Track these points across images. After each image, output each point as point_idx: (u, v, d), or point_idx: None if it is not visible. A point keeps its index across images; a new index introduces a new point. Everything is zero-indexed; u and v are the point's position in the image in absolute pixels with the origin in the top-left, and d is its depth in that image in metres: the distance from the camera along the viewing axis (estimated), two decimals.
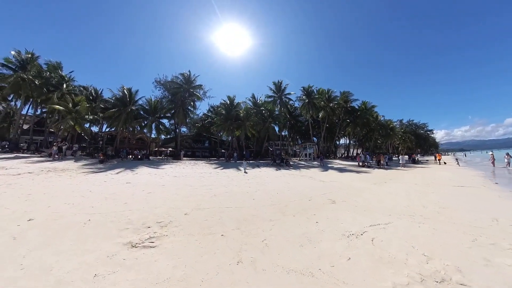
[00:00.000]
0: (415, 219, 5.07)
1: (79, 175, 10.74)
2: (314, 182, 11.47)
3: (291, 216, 5.18)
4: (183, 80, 32.65)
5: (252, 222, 4.49)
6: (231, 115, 30.80)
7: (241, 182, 10.44)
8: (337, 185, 10.60)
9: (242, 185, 9.52)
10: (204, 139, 47.52)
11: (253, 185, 9.59)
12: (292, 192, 8.43)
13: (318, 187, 9.81)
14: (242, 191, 7.99)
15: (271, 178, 12.32)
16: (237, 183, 9.90)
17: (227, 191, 7.92)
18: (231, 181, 10.48)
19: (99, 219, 4.34)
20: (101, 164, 16.02)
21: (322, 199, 7.40)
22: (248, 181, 10.98)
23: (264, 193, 7.95)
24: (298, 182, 11.39)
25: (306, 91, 39.90)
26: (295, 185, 10.28)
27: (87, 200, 5.92)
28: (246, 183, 10.25)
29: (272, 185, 9.89)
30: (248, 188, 8.70)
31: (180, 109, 29.55)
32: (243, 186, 9.15)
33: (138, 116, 27.74)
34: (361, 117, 44.03)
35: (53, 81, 30.69)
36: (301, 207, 6.08)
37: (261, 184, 10.12)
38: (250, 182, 10.37)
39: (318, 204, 6.66)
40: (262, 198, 6.97)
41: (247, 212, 5.20)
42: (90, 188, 7.56)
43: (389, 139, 63.84)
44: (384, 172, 18.70)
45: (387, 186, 11.04)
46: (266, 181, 11.03)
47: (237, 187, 8.84)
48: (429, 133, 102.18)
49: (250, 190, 8.25)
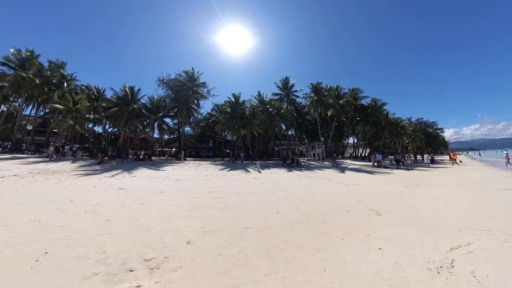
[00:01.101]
0: (498, 236, 3.81)
1: (69, 178, 9.42)
2: (337, 186, 9.85)
3: (339, 239, 3.66)
4: (187, 78, 31.36)
5: (291, 256, 2.96)
6: (237, 113, 29.32)
7: (255, 187, 8.90)
8: (366, 190, 8.98)
9: (256, 191, 7.98)
10: (208, 139, 46.25)
11: (270, 191, 8.04)
12: (319, 200, 6.86)
13: (346, 193, 8.21)
14: (260, 201, 6.45)
15: (286, 182, 10.76)
16: (251, 189, 8.35)
17: (241, 200, 6.37)
18: (242, 187, 8.95)
19: (60, 253, 2.88)
20: (98, 165, 14.76)
21: (362, 209, 5.85)
22: (261, 185, 9.44)
23: (287, 202, 6.40)
24: (320, 186, 9.79)
25: (314, 88, 38.11)
26: (318, 190, 8.69)
27: (60, 215, 4.50)
28: (260, 188, 8.72)
29: (291, 191, 8.34)
30: (265, 196, 7.16)
31: (184, 107, 28.23)
32: (259, 193, 7.60)
33: (140, 115, 26.54)
34: (372, 115, 41.96)
35: (54, 80, 29.88)
36: (344, 224, 4.54)
37: (278, 189, 8.57)
38: (265, 188, 8.83)
39: (361, 217, 5.13)
40: (288, 210, 5.42)
41: (277, 237, 3.68)
42: (73, 196, 6.16)
43: (400, 138, 61.50)
44: (407, 173, 16.87)
45: (425, 190, 9.34)
46: (283, 186, 9.47)
47: (252, 195, 7.29)
48: (439, 131, 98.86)
49: (269, 199, 6.70)
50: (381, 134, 54.61)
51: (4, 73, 26.40)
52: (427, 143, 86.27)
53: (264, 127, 30.88)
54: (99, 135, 44.75)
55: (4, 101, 30.97)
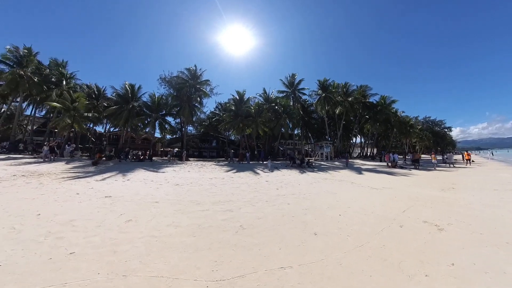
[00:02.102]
0: None
1: (53, 182, 8.11)
2: (365, 191, 8.35)
3: (421, 276, 2.33)
4: (189, 76, 30.07)
5: None
6: (241, 111, 27.91)
7: (271, 194, 7.42)
8: (401, 195, 7.47)
9: (274, 199, 6.50)
10: (211, 139, 44.97)
11: (291, 199, 6.57)
12: (356, 210, 5.38)
13: (382, 200, 6.71)
14: (284, 214, 4.95)
15: (304, 186, 9.28)
16: (267, 197, 6.85)
17: (260, 215, 4.78)
18: (256, 193, 7.47)
19: None
20: (93, 166, 13.50)
21: (416, 222, 4.41)
22: (278, 191, 7.97)
23: (319, 215, 4.94)
24: (346, 191, 8.29)
25: (322, 85, 36.53)
26: (347, 196, 7.20)
27: (7, 241, 3.13)
28: (278, 195, 7.25)
29: (316, 198, 6.86)
30: (288, 207, 5.67)
31: (186, 105, 26.94)
32: (279, 203, 6.12)
33: (140, 114, 25.33)
34: (382, 113, 40.15)
35: (53, 78, 28.92)
36: (409, 247, 3.13)
37: (300, 196, 7.09)
38: (284, 195, 7.35)
39: (421, 234, 3.74)
40: (327, 229, 3.94)
41: (334, 282, 2.25)
42: (43, 208, 4.80)
43: (409, 137, 59.38)
44: (429, 174, 15.19)
45: (468, 194, 7.77)
46: (303, 191, 7.99)
47: (271, 205, 5.81)
48: (447, 130, 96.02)
49: (295, 211, 5.21)
50: (389, 133, 52.74)
51: (1, 71, 25.47)
52: (435, 142, 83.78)
53: (270, 125, 29.41)
54: (101, 135, 43.90)
55: (2, 100, 30.10)
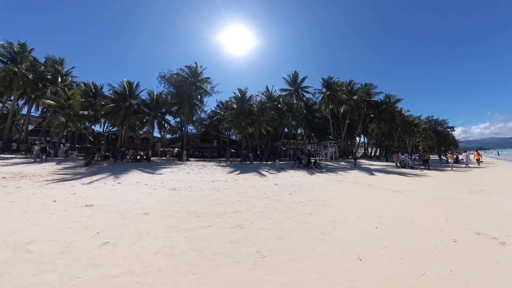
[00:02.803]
0: None
1: (33, 185, 7.08)
2: (389, 195, 7.30)
3: None
4: (189, 73, 28.99)
5: None
6: (244, 110, 26.87)
7: (285, 201, 6.29)
8: (429, 199, 6.43)
9: (292, 209, 5.37)
10: (212, 138, 43.94)
11: (311, 208, 5.50)
12: (391, 221, 4.34)
13: (411, 206, 5.65)
14: (310, 230, 3.83)
15: (319, 190, 8.23)
16: (282, 205, 5.71)
17: (280, 234, 3.63)
18: (267, 201, 6.38)
19: None
20: (85, 167, 12.48)
21: (469, 235, 3.44)
22: (292, 197, 6.91)
23: (352, 229, 3.89)
24: (367, 195, 7.24)
25: (326, 83, 35.47)
26: (372, 203, 6.15)
27: None
28: (294, 202, 6.17)
29: (340, 205, 5.80)
30: (310, 218, 4.59)
31: (186, 103, 25.88)
32: (299, 214, 4.93)
33: (138, 112, 24.31)
34: (387, 112, 39.12)
35: (49, 76, 27.93)
36: (484, 274, 2.09)
37: (320, 204, 6.00)
38: (301, 202, 6.26)
39: (484, 251, 2.78)
40: (373, 253, 2.89)
41: None
42: (2, 222, 3.80)
43: (414, 137, 58.35)
44: (447, 175, 14.08)
45: (505, 197, 6.70)
46: (320, 197, 6.93)
47: (290, 217, 4.64)
48: (449, 130, 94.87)
49: (323, 225, 4.12)
50: (393, 133, 51.70)
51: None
52: (438, 142, 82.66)
53: (273, 124, 28.36)
54: (99, 134, 42.91)
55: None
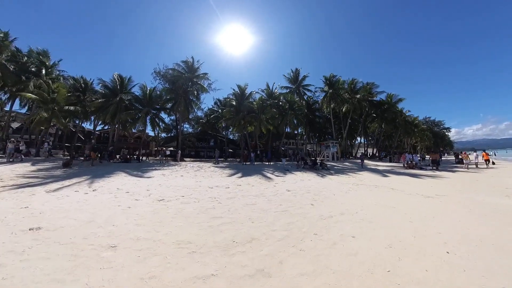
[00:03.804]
0: None
1: None
2: (421, 201, 6.00)
3: None
4: (186, 69, 27.33)
5: None
6: (243, 107, 25.39)
7: (309, 214, 4.85)
8: (468, 205, 5.17)
9: (324, 227, 3.93)
10: (209, 138, 42.24)
11: (347, 225, 4.11)
12: (457, 239, 3.01)
13: (459, 216, 4.35)
14: (368, 265, 2.52)
15: (341, 196, 6.86)
16: (310, 223, 4.22)
17: (332, 283, 2.18)
18: (287, 216, 4.91)
19: None
20: (63, 168, 10.81)
21: None
22: (316, 208, 5.50)
23: (421, 258, 2.54)
24: (400, 203, 5.91)
25: (328, 81, 34.30)
26: (410, 212, 4.79)
27: None
28: (322, 216, 4.75)
29: (376, 218, 4.45)
30: (357, 243, 3.22)
31: (182, 99, 24.26)
32: (337, 236, 3.53)
33: (130, 108, 22.53)
34: (390, 111, 38.34)
35: (32, 68, 25.84)
36: None
37: (354, 217, 4.64)
38: (330, 215, 4.86)
39: None
40: None
41: None
42: None
43: (414, 137, 58.05)
44: (462, 176, 12.88)
45: None
46: (349, 207, 5.55)
47: (329, 244, 3.20)
48: (446, 131, 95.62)
49: (380, 255, 2.76)
50: (393, 133, 51.08)
51: None
52: (435, 143, 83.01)
53: (274, 123, 26.96)
54: (89, 133, 40.76)
55: None
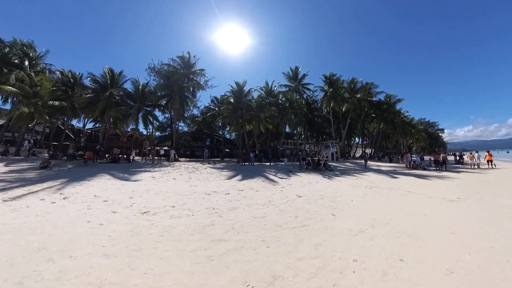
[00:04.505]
0: None
1: None
2: (448, 206, 5.09)
3: None
4: (181, 64, 26.03)
5: None
6: (241, 105, 24.31)
7: (336, 230, 3.79)
8: (504, 212, 4.28)
9: (364, 254, 2.94)
10: (205, 137, 40.91)
11: (391, 247, 3.12)
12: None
13: (508, 226, 3.45)
14: None
15: (362, 203, 5.89)
16: (342, 245, 3.12)
17: None
18: (310, 233, 3.81)
19: None
20: (40, 170, 9.53)
21: None
22: (338, 220, 4.49)
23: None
24: (427, 209, 4.98)
25: (328, 80, 33.58)
26: (449, 222, 3.85)
27: None
28: (352, 232, 3.69)
29: (413, 230, 3.49)
30: (413, 275, 2.25)
31: (176, 95, 22.97)
32: (384, 263, 2.59)
33: (121, 104, 21.13)
34: (389, 112, 38.08)
35: (15, 60, 24.08)
36: None
37: (391, 233, 3.67)
38: (362, 230, 3.85)
39: None
40: None
41: None
42: None
43: (411, 137, 58.21)
44: (475, 177, 12.09)
45: None
46: (380, 219, 4.56)
47: (381, 281, 2.33)
48: (439, 132, 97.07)
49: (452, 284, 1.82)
50: (391, 133, 50.94)
51: None
52: (429, 144, 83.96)
53: (273, 122, 25.97)
54: (79, 131, 38.90)
55: None
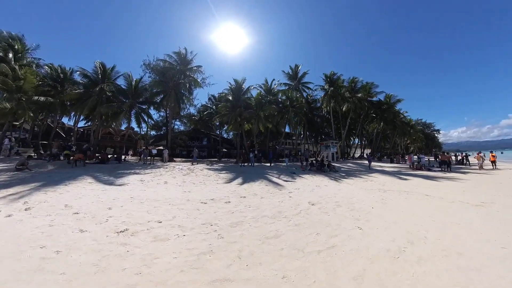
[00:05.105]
0: None
1: None
2: (478, 213, 4.28)
3: None
4: (178, 60, 24.89)
5: None
6: (240, 103, 23.35)
7: (372, 252, 2.86)
8: None
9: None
10: (202, 136, 39.81)
11: (446, 279, 2.26)
12: None
13: None
14: None
15: (384, 210, 5.02)
16: (384, 274, 2.24)
17: None
18: (341, 256, 2.91)
19: None
20: (16, 171, 8.41)
21: None
22: (366, 236, 3.56)
23: None
24: (460, 216, 4.14)
25: (328, 79, 32.88)
26: (498, 237, 3.02)
27: None
28: (388, 251, 2.84)
29: (464, 248, 2.65)
30: None
31: (172, 92, 21.88)
32: None
33: (112, 100, 19.91)
34: (389, 112, 37.70)
35: None
36: None
37: (432, 251, 2.81)
38: (401, 249, 2.96)
39: None
40: None
41: None
42: None
43: (410, 138, 58.17)
44: (485, 178, 11.39)
45: None
46: (417, 232, 3.67)
47: None
48: (435, 133, 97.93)
49: None
50: (390, 134, 50.68)
51: None
52: (426, 144, 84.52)
53: (273, 121, 25.07)
54: (70, 129, 37.35)
55: None
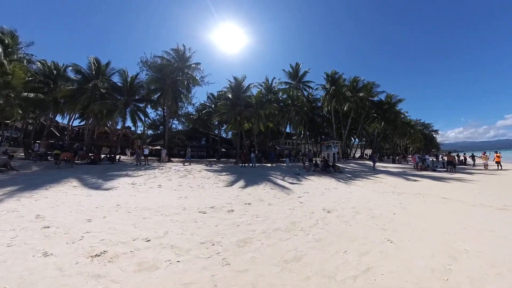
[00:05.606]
0: None
1: None
2: (503, 217, 3.64)
3: None
4: (176, 57, 24.08)
5: None
6: (240, 101, 22.63)
7: (425, 287, 2.33)
8: None
9: None
10: (200, 136, 38.97)
11: None
12: None
13: None
14: None
15: (404, 216, 4.35)
16: None
17: None
18: None
19: None
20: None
21: None
22: (400, 251, 2.92)
23: None
24: (490, 225, 3.49)
25: (330, 77, 32.28)
26: None
27: None
28: (439, 279, 2.24)
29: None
30: None
31: (169, 90, 21.08)
32: None
33: (106, 97, 19.07)
34: (391, 112, 37.25)
35: None
36: None
37: (487, 276, 2.18)
38: (461, 277, 2.32)
39: None
40: None
41: None
42: None
43: (410, 138, 57.98)
44: (496, 179, 10.80)
45: None
46: (456, 247, 3.05)
47: None
48: (434, 133, 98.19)
49: None
50: (389, 134, 50.33)
51: None
52: (425, 145, 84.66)
53: (274, 120, 24.39)
54: (64, 128, 36.34)
55: None
